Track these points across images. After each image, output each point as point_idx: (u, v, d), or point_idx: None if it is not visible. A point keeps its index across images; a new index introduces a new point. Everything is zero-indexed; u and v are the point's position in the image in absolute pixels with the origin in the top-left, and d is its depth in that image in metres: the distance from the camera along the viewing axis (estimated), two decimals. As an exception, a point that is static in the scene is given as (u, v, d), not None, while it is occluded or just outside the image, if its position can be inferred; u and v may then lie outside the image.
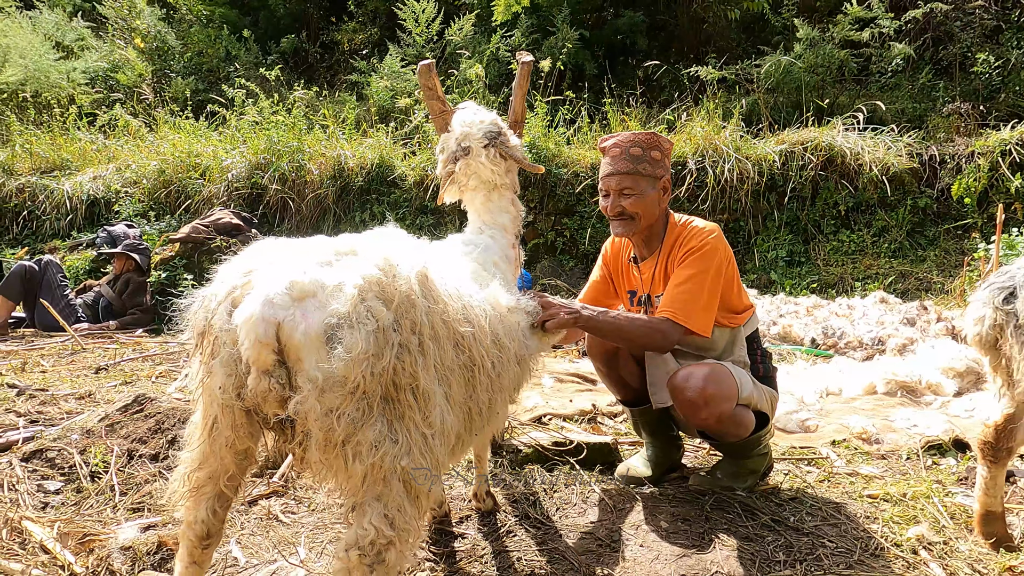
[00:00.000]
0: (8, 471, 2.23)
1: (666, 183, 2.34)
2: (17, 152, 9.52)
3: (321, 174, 8.27)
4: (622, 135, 2.32)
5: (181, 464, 1.46)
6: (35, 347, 4.73)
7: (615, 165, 2.28)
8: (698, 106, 8.39)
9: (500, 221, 2.14)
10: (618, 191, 2.29)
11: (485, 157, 2.03)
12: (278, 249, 1.41)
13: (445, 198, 2.21)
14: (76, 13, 14.07)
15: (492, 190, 2.11)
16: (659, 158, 2.31)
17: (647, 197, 2.30)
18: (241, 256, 1.43)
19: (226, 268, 1.40)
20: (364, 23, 12.85)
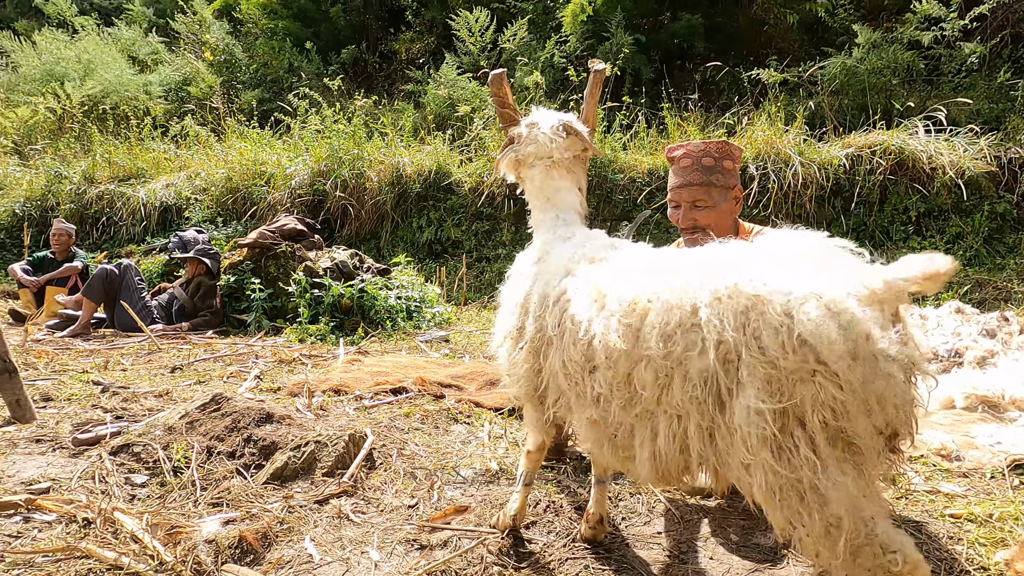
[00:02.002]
0: (98, 464, 2.36)
1: (738, 193, 2.30)
2: (97, 161, 10.06)
3: (380, 181, 8.45)
4: (692, 144, 2.29)
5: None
6: (115, 346, 4.98)
7: (687, 176, 2.25)
8: (759, 109, 8.21)
9: (570, 202, 1.98)
10: (690, 203, 2.26)
11: (548, 128, 1.96)
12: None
13: (501, 169, 2.12)
14: (151, 29, 14.81)
15: (551, 166, 1.97)
16: (731, 168, 2.27)
17: (720, 208, 2.27)
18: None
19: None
20: (421, 32, 13.09)
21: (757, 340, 1.19)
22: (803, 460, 1.18)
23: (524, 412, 1.96)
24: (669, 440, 1.36)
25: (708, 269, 1.34)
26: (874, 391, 1.15)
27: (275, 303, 5.81)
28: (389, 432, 2.85)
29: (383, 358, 4.34)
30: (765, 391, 1.19)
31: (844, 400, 1.15)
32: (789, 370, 1.17)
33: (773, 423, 1.19)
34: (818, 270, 1.23)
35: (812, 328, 1.14)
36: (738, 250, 1.40)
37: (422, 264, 8.01)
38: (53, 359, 4.41)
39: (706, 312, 1.26)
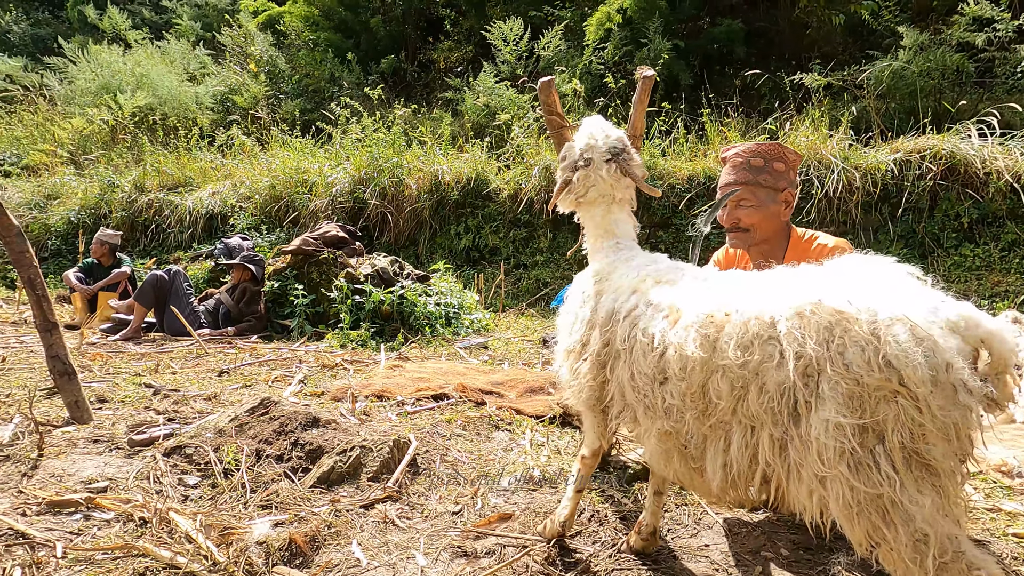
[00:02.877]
0: (153, 465, 2.42)
1: (788, 196, 2.25)
2: (147, 170, 10.40)
3: (419, 188, 8.54)
4: (745, 144, 2.26)
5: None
6: (165, 350, 5.12)
7: (734, 175, 2.22)
8: (801, 114, 8.07)
9: (629, 233, 2.05)
10: (735, 202, 2.23)
11: (606, 171, 1.98)
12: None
13: (558, 206, 2.16)
14: (198, 42, 15.28)
15: (612, 203, 2.02)
16: (782, 170, 2.23)
17: (765, 209, 2.23)
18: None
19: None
20: (459, 41, 13.22)
21: (842, 356, 1.21)
22: (883, 477, 1.19)
23: (584, 420, 1.97)
24: (741, 450, 1.38)
25: (788, 286, 1.37)
26: (951, 419, 1.17)
27: (317, 309, 5.92)
28: (432, 438, 2.87)
29: (424, 364, 4.37)
30: (847, 406, 1.21)
31: (923, 423, 1.17)
32: (872, 388, 1.19)
33: (853, 438, 1.20)
34: (900, 294, 1.25)
35: (898, 351, 1.16)
36: (817, 270, 1.42)
37: (460, 271, 8.06)
38: (107, 362, 4.56)
39: (786, 325, 1.28)
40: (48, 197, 10.86)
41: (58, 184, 11.04)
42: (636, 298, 1.67)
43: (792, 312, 1.29)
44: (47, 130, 12.98)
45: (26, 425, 2.81)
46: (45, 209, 10.51)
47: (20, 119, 13.98)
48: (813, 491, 1.29)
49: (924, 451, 1.19)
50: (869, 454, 1.21)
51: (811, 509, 1.31)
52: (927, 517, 1.19)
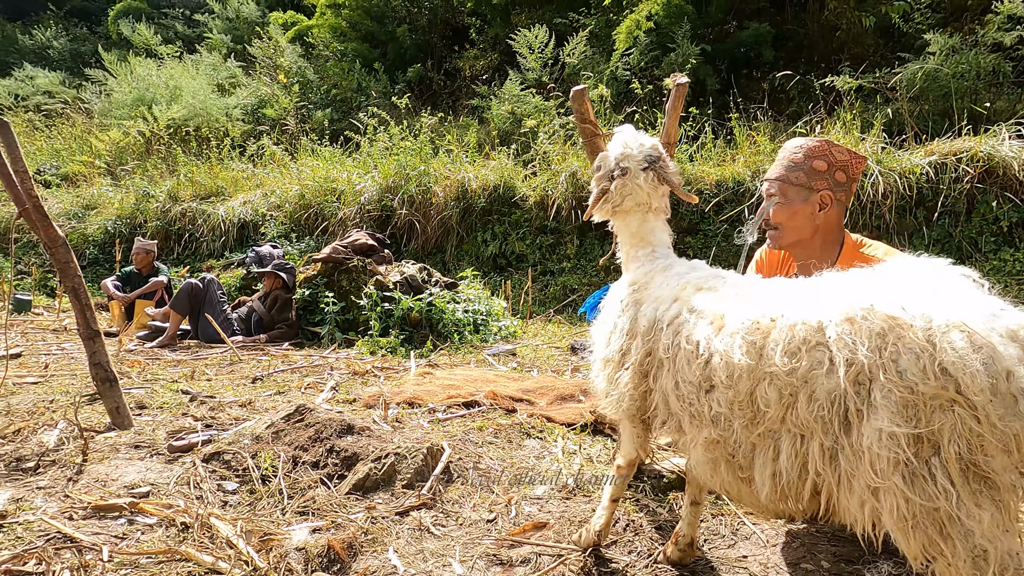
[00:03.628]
0: (192, 471, 2.47)
1: (825, 198, 2.18)
2: (181, 181, 10.64)
3: (446, 196, 8.60)
4: (798, 139, 2.21)
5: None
6: (199, 357, 5.22)
7: (772, 169, 2.19)
8: (831, 117, 7.95)
9: (664, 241, 2.05)
10: (767, 195, 2.19)
11: (643, 180, 1.98)
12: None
13: (594, 216, 2.15)
14: (229, 55, 15.62)
15: (649, 212, 2.02)
16: (822, 169, 2.16)
17: (791, 207, 2.18)
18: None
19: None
20: (485, 50, 13.31)
21: (895, 363, 1.18)
22: (939, 490, 1.15)
23: (622, 430, 1.95)
24: (791, 460, 1.35)
25: (838, 290, 1.34)
26: (1011, 430, 1.12)
27: (347, 316, 5.98)
28: (464, 445, 2.88)
29: (453, 371, 4.39)
30: (901, 415, 1.17)
31: (981, 434, 1.13)
32: (928, 396, 1.15)
33: (907, 448, 1.17)
34: (956, 300, 1.22)
35: (955, 358, 1.13)
36: (868, 273, 1.39)
37: (487, 278, 8.09)
38: (144, 368, 4.67)
39: (836, 331, 1.25)
40: (86, 207, 11.16)
41: (95, 195, 11.35)
42: (678, 306, 1.65)
43: (842, 317, 1.26)
44: (85, 142, 13.36)
45: (70, 431, 2.89)
46: (83, 219, 10.81)
47: (59, 132, 14.42)
48: (865, 502, 1.26)
49: (983, 463, 1.15)
50: (924, 465, 1.17)
51: (863, 521, 1.28)
52: (986, 532, 1.15)
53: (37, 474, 2.48)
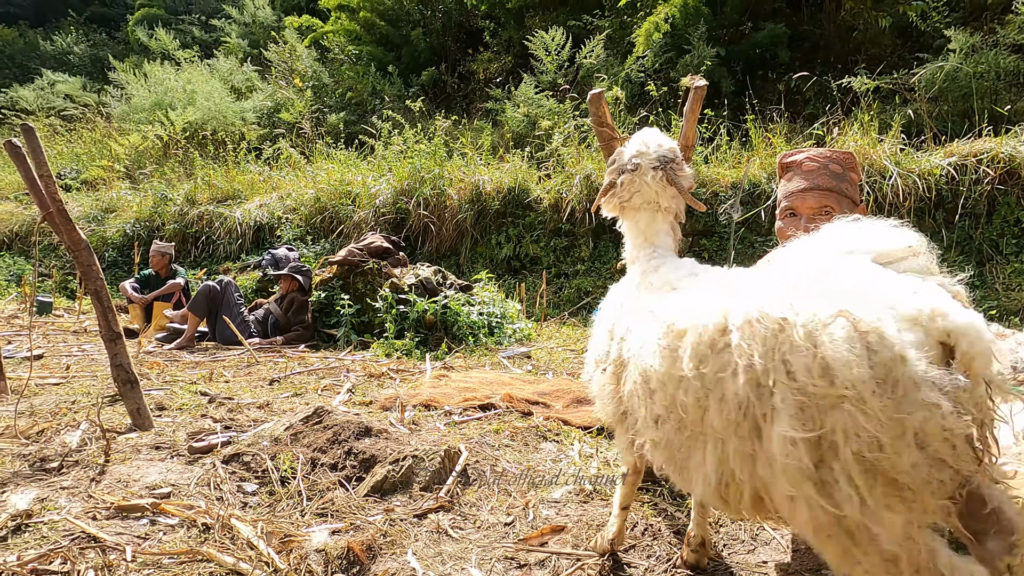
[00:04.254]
0: (212, 472, 2.49)
1: (863, 211, 2.18)
2: (198, 184, 10.75)
3: (460, 198, 8.62)
4: (814, 150, 2.18)
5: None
6: (217, 359, 5.27)
7: (813, 179, 2.11)
8: (849, 118, 7.89)
9: (667, 244, 2.03)
10: (817, 208, 2.09)
11: (651, 178, 1.98)
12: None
13: (602, 210, 2.16)
14: (246, 59, 15.77)
15: (657, 211, 2.01)
16: (856, 180, 2.15)
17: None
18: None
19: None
20: (498, 52, 13.33)
21: (786, 365, 1.13)
22: (844, 496, 1.09)
23: (615, 435, 1.95)
24: (714, 464, 1.31)
25: (744, 290, 1.30)
26: (914, 420, 1.04)
27: (363, 318, 6.01)
28: (480, 448, 2.88)
29: (469, 374, 4.40)
30: (798, 419, 1.11)
31: (873, 430, 1.05)
32: (818, 397, 1.10)
33: (809, 454, 1.11)
34: (852, 287, 1.15)
35: (833, 350, 1.07)
36: (779, 266, 1.35)
37: (501, 280, 8.10)
38: (163, 370, 4.72)
39: (737, 335, 1.21)
40: (105, 210, 11.30)
41: (115, 198, 11.49)
42: (644, 308, 1.66)
43: (743, 320, 1.22)
44: (105, 146, 13.54)
45: (92, 431, 2.93)
46: (102, 222, 10.94)
47: (80, 136, 14.62)
48: (786, 511, 1.21)
49: (886, 462, 1.06)
50: (829, 471, 1.11)
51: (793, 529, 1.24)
52: (896, 537, 1.09)
53: (61, 474, 2.51)
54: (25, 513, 2.07)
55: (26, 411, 3.38)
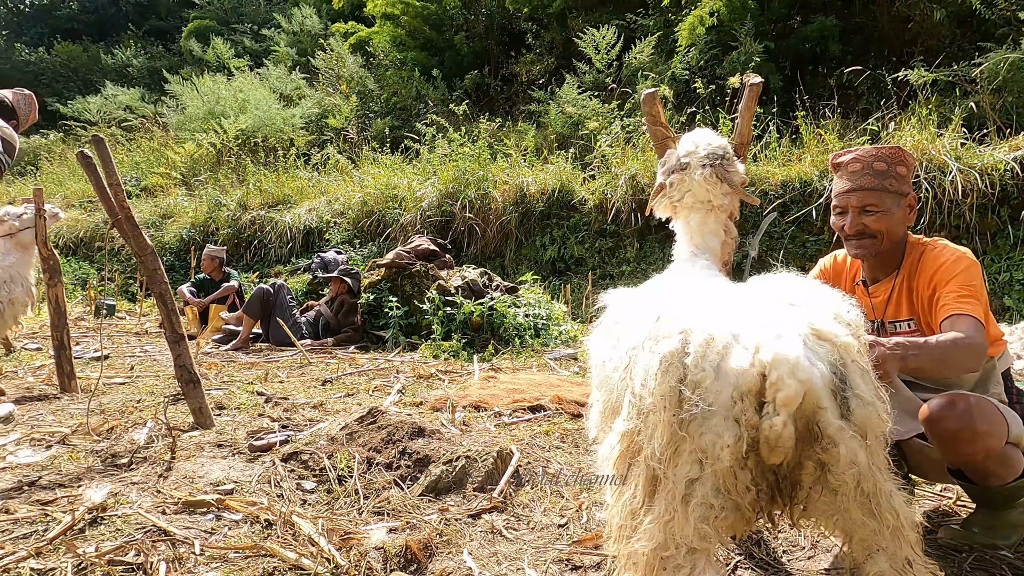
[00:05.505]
0: (272, 470, 2.57)
1: (911, 201, 2.15)
2: (250, 189, 11.07)
3: (504, 200, 8.65)
4: (861, 149, 2.17)
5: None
6: (271, 360, 5.42)
7: (857, 180, 2.13)
8: (905, 113, 7.62)
9: (710, 245, 2.04)
10: (860, 207, 2.13)
11: (700, 175, 1.97)
12: (709, 295, 1.50)
13: (655, 211, 2.17)
14: (294, 67, 16.15)
15: (709, 211, 2.01)
16: (904, 174, 2.13)
17: (892, 215, 2.13)
18: (668, 306, 1.42)
19: (666, 320, 1.36)
20: (541, 54, 13.34)
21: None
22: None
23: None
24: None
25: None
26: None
27: (410, 320, 6.09)
28: (531, 450, 2.89)
29: (516, 375, 4.41)
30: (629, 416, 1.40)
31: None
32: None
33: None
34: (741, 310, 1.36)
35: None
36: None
37: (546, 282, 8.09)
38: (221, 370, 4.87)
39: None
40: (163, 216, 11.74)
41: (172, 204, 11.92)
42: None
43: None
44: (162, 155, 14.06)
45: (158, 429, 3.05)
46: (160, 228, 11.37)
47: (139, 145, 15.22)
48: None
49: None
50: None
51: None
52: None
53: (130, 470, 2.62)
54: (100, 506, 2.17)
55: (96, 409, 3.54)
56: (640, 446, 1.31)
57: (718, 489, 1.21)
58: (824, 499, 1.23)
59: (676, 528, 1.21)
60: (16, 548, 1.90)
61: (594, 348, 1.80)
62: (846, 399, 1.21)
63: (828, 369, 1.21)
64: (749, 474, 1.21)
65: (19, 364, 5.06)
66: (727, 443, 1.17)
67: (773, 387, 1.14)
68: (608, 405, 1.60)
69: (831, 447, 1.18)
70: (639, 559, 1.26)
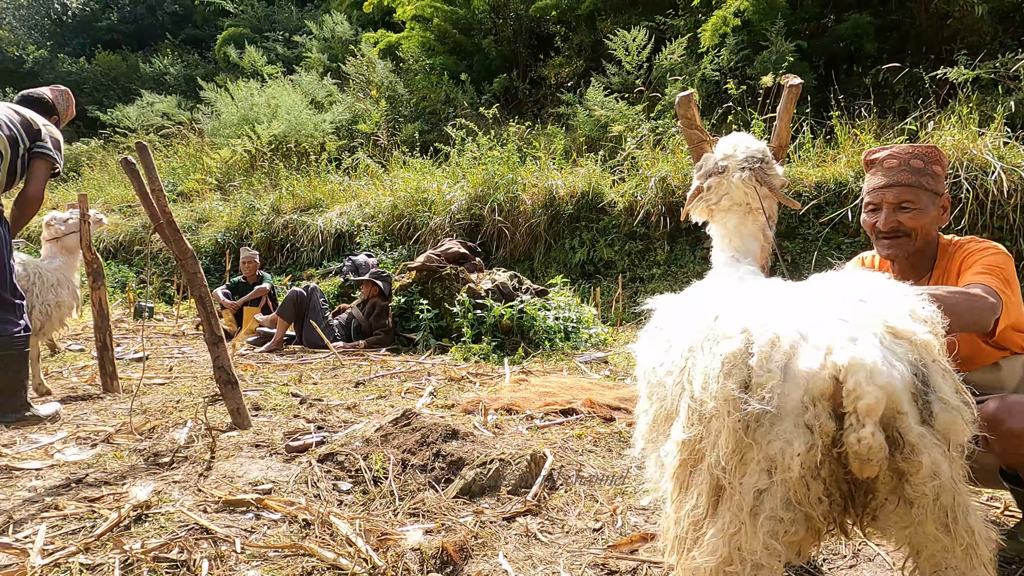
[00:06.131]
0: (309, 470, 2.60)
1: (945, 202, 2.11)
2: (283, 194, 11.25)
3: (533, 203, 8.66)
4: (897, 147, 2.13)
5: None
6: (304, 362, 5.49)
7: (893, 176, 2.09)
8: (944, 111, 7.44)
9: (751, 248, 2.00)
10: (895, 204, 2.08)
11: (738, 178, 1.94)
12: (776, 294, 1.38)
13: (691, 215, 2.14)
14: (325, 73, 16.39)
15: (747, 213, 1.98)
16: (940, 173, 2.09)
17: (928, 214, 2.08)
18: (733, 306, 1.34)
19: (730, 320, 1.28)
20: (570, 57, 13.32)
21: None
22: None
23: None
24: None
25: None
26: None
27: (440, 323, 6.13)
28: (564, 453, 2.89)
29: (548, 378, 4.41)
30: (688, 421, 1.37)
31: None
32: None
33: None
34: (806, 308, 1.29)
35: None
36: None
37: (575, 285, 8.08)
38: (256, 372, 4.96)
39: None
40: (199, 221, 12.01)
41: (207, 209, 12.19)
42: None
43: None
44: (198, 160, 14.38)
45: (197, 429, 3.11)
46: (196, 232, 11.62)
47: (175, 151, 15.59)
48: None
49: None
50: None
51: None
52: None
53: (172, 469, 2.68)
54: (145, 504, 2.23)
55: (138, 409, 3.63)
56: (702, 454, 1.24)
57: (788, 501, 1.13)
58: (899, 510, 1.15)
59: (743, 542, 1.15)
60: (66, 543, 1.96)
61: (642, 354, 1.74)
62: (928, 403, 1.12)
63: (909, 370, 1.12)
64: (822, 484, 1.13)
65: (63, 364, 5.22)
66: (798, 451, 1.09)
67: (852, 395, 1.06)
68: (661, 413, 1.51)
69: (912, 456, 1.09)
70: (700, 574, 1.20)
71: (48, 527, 2.07)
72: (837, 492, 1.17)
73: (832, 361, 1.09)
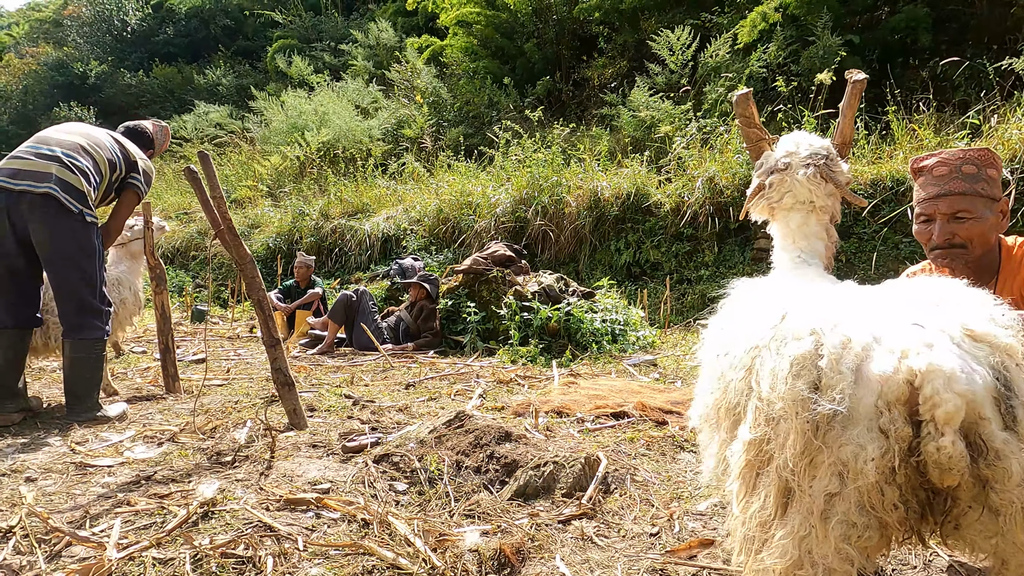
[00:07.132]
0: (365, 470, 2.65)
1: (1004, 206, 1.99)
2: (331, 199, 11.49)
3: (578, 205, 8.63)
4: (947, 152, 2.03)
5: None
6: (355, 364, 5.59)
7: (945, 185, 1.99)
8: (1009, 103, 7.12)
9: (816, 248, 1.94)
10: (949, 215, 1.98)
11: (803, 175, 1.89)
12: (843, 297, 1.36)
13: (751, 214, 2.09)
14: (371, 80, 16.68)
15: (811, 212, 1.92)
16: (995, 177, 1.97)
17: (985, 222, 1.97)
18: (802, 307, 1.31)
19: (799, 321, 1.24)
20: (613, 57, 13.25)
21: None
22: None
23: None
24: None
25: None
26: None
27: (487, 325, 6.16)
28: (617, 456, 2.86)
29: (597, 381, 4.39)
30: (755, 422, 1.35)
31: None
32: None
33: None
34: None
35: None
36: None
37: (621, 287, 8.01)
38: (309, 374, 5.07)
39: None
40: (251, 227, 12.36)
41: (259, 215, 12.54)
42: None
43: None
44: (250, 168, 14.81)
45: (257, 429, 3.20)
46: (248, 237, 11.97)
47: (228, 159, 16.09)
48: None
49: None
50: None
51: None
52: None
53: (234, 467, 2.77)
54: (211, 501, 2.30)
55: (199, 409, 3.75)
56: (770, 455, 1.22)
57: (862, 506, 1.10)
58: (983, 519, 1.10)
59: (813, 546, 1.13)
60: (139, 538, 2.04)
61: (711, 335, 1.71)
62: (1012, 408, 1.07)
63: (990, 374, 1.08)
64: (898, 490, 1.10)
65: (128, 366, 5.44)
66: (871, 456, 1.07)
67: (929, 402, 1.03)
68: (722, 403, 1.49)
69: (996, 462, 1.05)
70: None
71: (122, 522, 2.16)
72: (914, 499, 1.13)
73: (907, 366, 1.06)
